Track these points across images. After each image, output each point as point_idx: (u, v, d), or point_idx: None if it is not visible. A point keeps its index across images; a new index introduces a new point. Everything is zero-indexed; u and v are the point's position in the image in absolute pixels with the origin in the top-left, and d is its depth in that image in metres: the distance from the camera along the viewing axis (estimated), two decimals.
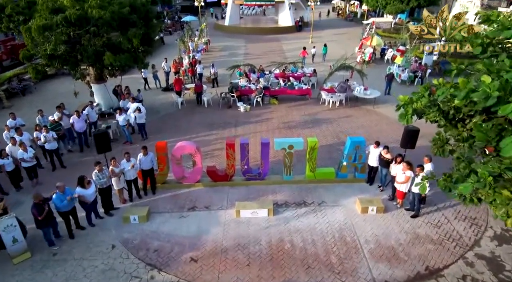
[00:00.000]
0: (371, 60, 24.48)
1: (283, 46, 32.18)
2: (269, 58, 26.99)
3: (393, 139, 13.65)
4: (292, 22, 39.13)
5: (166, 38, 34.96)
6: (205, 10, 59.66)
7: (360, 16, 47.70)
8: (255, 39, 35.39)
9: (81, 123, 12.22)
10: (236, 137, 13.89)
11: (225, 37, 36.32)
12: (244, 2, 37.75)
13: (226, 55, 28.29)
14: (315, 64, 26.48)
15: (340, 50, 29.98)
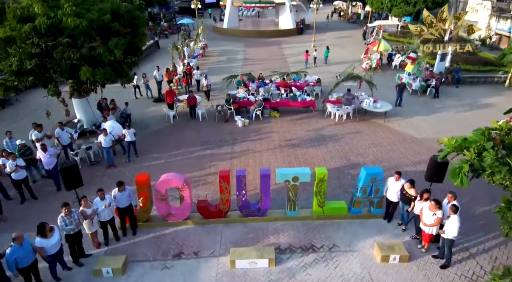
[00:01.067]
0: (378, 67, 22.95)
1: (284, 50, 30.68)
2: (269, 64, 25.55)
3: (409, 161, 12.15)
4: (293, 24, 37.63)
5: (162, 41, 33.42)
6: (203, 11, 58.30)
7: (363, 18, 46.16)
8: (255, 42, 33.89)
9: (49, 158, 10.25)
10: (233, 159, 12.40)
11: (223, 40, 34.82)
12: (244, 4, 36.25)
13: (224, 61, 26.78)
14: (317, 67, 25.09)
15: (343, 54, 28.62)
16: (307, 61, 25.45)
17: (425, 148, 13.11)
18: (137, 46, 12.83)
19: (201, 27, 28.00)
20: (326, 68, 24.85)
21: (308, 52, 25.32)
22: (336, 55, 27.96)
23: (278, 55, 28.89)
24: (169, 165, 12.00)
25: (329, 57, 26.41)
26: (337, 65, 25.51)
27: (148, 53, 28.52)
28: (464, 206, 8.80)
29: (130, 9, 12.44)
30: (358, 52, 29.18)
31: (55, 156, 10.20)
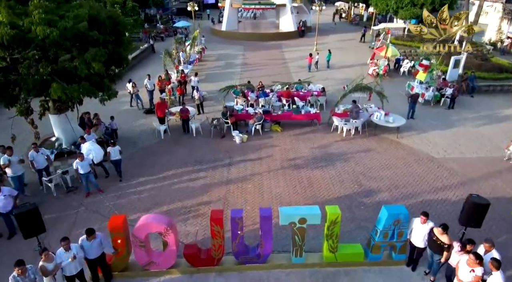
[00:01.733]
0: (386, 74, 21.52)
1: (285, 54, 29.25)
2: (270, 69, 24.14)
3: (429, 187, 10.71)
4: (294, 27, 36.20)
5: (158, 45, 31.93)
6: (202, 12, 56.91)
7: (367, 19, 44.75)
8: (255, 46, 32.46)
9: (3, 201, 8.41)
10: (229, 184, 10.96)
11: (221, 43, 33.38)
12: (243, 6, 34.84)
13: (221, 66, 25.33)
14: (319, 72, 23.72)
15: (347, 58, 27.15)
16: (310, 65, 24.16)
17: (446, 170, 11.67)
18: (122, 56, 11.38)
19: (198, 30, 26.55)
20: (329, 73, 23.42)
21: (311, 55, 24.01)
22: (339, 59, 26.57)
23: (279, 59, 27.47)
24: (156, 192, 10.57)
25: (332, 61, 25.10)
26: (340, 70, 24.16)
27: (143, 58, 27.08)
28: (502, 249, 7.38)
29: (112, 14, 10.97)
30: (362, 56, 27.80)
31: (11, 197, 8.60)
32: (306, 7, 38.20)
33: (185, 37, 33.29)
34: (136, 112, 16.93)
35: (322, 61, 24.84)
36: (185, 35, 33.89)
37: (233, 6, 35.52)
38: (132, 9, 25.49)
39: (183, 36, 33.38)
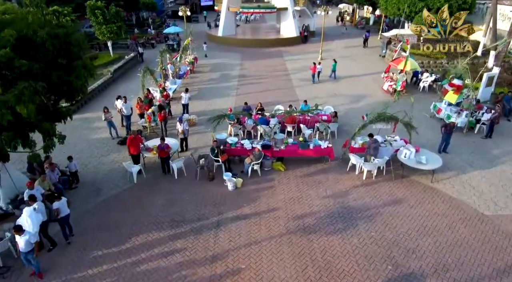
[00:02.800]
0: (404, 91, 18.65)
1: (287, 63, 26.37)
2: (270, 82, 21.31)
3: (489, 268, 7.81)
4: (296, 32, 33.34)
5: (148, 52, 29.06)
6: (198, 15, 54.11)
7: (373, 23, 41.93)
8: (254, 54, 29.59)
9: None
10: (215, 261, 8.02)
11: (217, 51, 30.50)
12: (241, 10, 31.99)
13: (215, 79, 22.43)
14: (322, 83, 20.92)
15: (355, 68, 24.21)
16: (314, 76, 21.69)
17: (505, 237, 8.79)
18: (73, 86, 8.48)
19: (189, 38, 23.68)
20: (336, 87, 20.56)
21: (315, 64, 21.54)
22: (347, 70, 23.76)
23: (280, 70, 24.61)
24: (114, 278, 7.69)
25: (338, 72, 22.46)
26: (349, 83, 21.35)
27: (128, 69, 24.15)
28: None
29: (59, 33, 8.05)
30: (371, 66, 25.00)
31: None
32: (309, 10, 35.34)
33: (177, 44, 30.40)
34: (109, 143, 14.03)
35: (325, 72, 22.11)
36: (177, 42, 30.96)
37: (230, 10, 32.66)
38: (115, 15, 22.56)
39: (175, 43, 30.47)
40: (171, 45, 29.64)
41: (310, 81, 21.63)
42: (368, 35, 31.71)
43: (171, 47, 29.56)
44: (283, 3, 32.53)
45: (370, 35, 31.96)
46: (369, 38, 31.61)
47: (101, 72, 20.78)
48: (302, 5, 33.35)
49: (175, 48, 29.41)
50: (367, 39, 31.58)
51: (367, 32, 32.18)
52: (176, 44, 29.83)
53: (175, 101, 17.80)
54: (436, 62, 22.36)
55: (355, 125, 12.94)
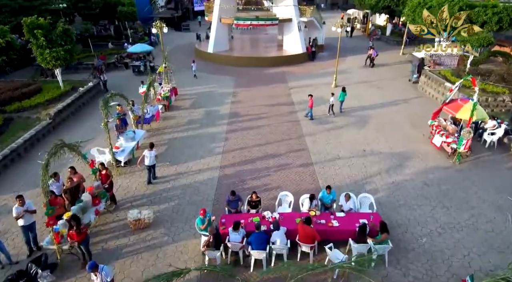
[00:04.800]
0: (469, 152, 12.84)
1: (293, 93, 20.59)
2: (271, 130, 15.57)
3: None
4: (302, 47, 27.58)
5: (118, 77, 23.27)
6: (191, 21, 48.40)
7: (390, 33, 36.13)
8: (251, 76, 23.85)
9: None
10: None
11: (206, 72, 24.75)
12: (235, 22, 26.30)
13: (197, 121, 16.52)
14: (338, 126, 15.12)
15: (384, 103, 17.57)
16: (311, 112, 16.66)
17: None
18: None
19: (163, 65, 17.94)
20: (362, 136, 14.73)
21: (312, 96, 16.56)
22: (373, 103, 18.49)
23: (283, 103, 18.84)
24: None
25: (359, 103, 17.36)
26: (379, 128, 15.54)
27: (78, 108, 18.06)
28: None
29: None
30: (404, 97, 19.25)
31: None
32: (318, 20, 29.54)
33: (144, 66, 24.12)
34: None
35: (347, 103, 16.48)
36: (144, 63, 24.55)
37: (223, 21, 26.90)
38: (63, 34, 16.81)
39: (141, 64, 24.19)
40: (136, 67, 23.75)
41: (322, 124, 15.97)
42: (375, 54, 25.80)
43: (136, 69, 23.75)
44: (287, 13, 26.78)
45: (377, 53, 25.99)
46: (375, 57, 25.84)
47: (37, 117, 15.02)
48: (309, 16, 27.58)
49: (141, 71, 23.63)
50: (373, 58, 25.85)
51: (373, 50, 26.01)
52: (143, 66, 23.83)
53: (132, 173, 12.12)
54: (496, 99, 16.55)
55: (414, 242, 7.32)
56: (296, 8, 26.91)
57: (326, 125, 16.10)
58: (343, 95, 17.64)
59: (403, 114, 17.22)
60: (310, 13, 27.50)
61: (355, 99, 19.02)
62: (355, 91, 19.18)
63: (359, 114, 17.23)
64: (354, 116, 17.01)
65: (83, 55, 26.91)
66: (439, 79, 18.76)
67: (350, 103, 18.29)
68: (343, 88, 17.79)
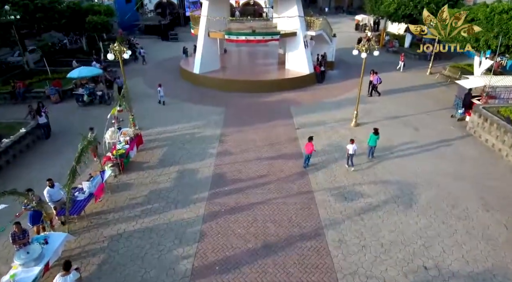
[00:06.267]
0: None
1: (300, 137, 15.30)
2: (271, 211, 10.09)
3: None
4: (309, 68, 22.41)
5: (64, 109, 18.09)
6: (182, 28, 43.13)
7: (410, 45, 30.94)
8: (245, 108, 18.68)
9: None
10: None
11: (188, 100, 19.61)
12: (227, 37, 21.16)
13: (159, 198, 11.22)
14: (364, 187, 9.98)
15: (427, 157, 11.86)
16: (308, 159, 12.36)
17: None
18: None
19: (117, 107, 12.74)
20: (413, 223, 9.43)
21: (312, 140, 12.19)
22: (408, 149, 12.96)
23: (287, 155, 13.60)
24: None
25: (391, 155, 12.18)
26: (435, 209, 10.00)
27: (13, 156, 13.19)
28: None
29: None
30: (450, 138, 13.94)
31: None
32: (327, 33, 24.31)
33: (106, 95, 18.81)
34: None
35: (362, 146, 11.44)
36: (90, 91, 18.84)
37: (211, 36, 21.71)
38: None
39: (85, 93, 18.48)
40: (80, 96, 18.57)
41: (346, 198, 10.72)
42: (378, 81, 19.87)
43: (80, 99, 18.56)
44: (291, 25, 21.59)
45: (380, 80, 19.93)
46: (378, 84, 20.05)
47: None
48: (318, 29, 22.37)
49: (86, 102, 18.52)
50: (375, 86, 20.17)
51: (375, 75, 19.93)
52: (87, 95, 18.56)
53: None
54: None
55: None
56: (302, 20, 21.70)
57: (353, 202, 10.89)
58: (374, 139, 13.05)
59: (463, 180, 11.97)
60: (319, 25, 22.28)
61: (386, 147, 13.99)
62: (382, 132, 14.00)
63: (398, 180, 12.01)
64: (392, 184, 11.78)
65: (41, 77, 21.77)
66: (502, 123, 13.57)
67: (381, 151, 13.24)
68: (376, 131, 13.05)
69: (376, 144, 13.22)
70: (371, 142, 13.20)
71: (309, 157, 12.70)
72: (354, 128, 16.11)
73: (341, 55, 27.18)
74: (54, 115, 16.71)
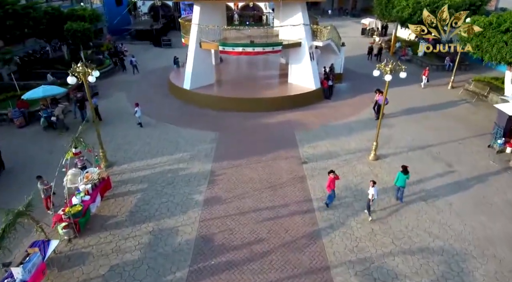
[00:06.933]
0: None
1: (308, 174, 12.46)
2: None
3: None
4: (316, 83, 19.58)
5: (22, 136, 15.29)
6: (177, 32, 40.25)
7: (424, 53, 28.06)
8: (241, 133, 15.84)
9: None
10: None
11: (174, 124, 16.76)
12: (221, 48, 18.34)
13: (118, 274, 8.49)
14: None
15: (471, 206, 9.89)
16: (332, 199, 10.16)
17: None
18: None
19: (72, 149, 9.95)
20: None
21: (334, 174, 9.75)
22: (442, 192, 9.97)
23: (294, 203, 10.71)
24: None
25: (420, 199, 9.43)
26: None
27: None
28: None
29: None
30: (492, 177, 11.16)
31: None
32: (336, 43, 21.45)
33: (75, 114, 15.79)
34: None
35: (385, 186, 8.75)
36: (48, 115, 15.96)
37: (203, 47, 18.87)
38: None
39: (42, 117, 15.94)
40: (47, 118, 15.83)
41: None
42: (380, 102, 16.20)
43: (45, 121, 15.83)
44: (295, 35, 18.75)
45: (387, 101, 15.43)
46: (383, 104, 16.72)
47: None
48: (325, 38, 19.52)
49: (45, 126, 15.86)
50: (379, 106, 16.51)
51: (381, 94, 16.11)
52: (43, 119, 15.82)
53: None
54: None
55: None
56: (308, 29, 18.86)
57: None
58: (403, 179, 10.59)
59: None
60: (327, 34, 19.42)
61: (416, 189, 11.24)
62: (409, 167, 11.13)
63: (440, 246, 9.16)
64: (434, 254, 8.92)
65: (8, 94, 18.97)
66: None
67: (410, 194, 10.46)
68: (405, 169, 10.60)
69: (405, 184, 10.65)
70: (399, 182, 10.75)
71: (331, 198, 10.40)
72: (374, 162, 13.28)
73: (348, 63, 24.25)
74: (15, 142, 13.91)
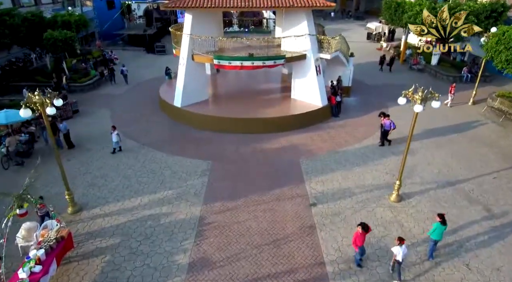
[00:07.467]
0: None
1: (318, 222, 10.30)
2: None
3: None
4: (322, 100, 17.40)
5: None
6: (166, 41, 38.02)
7: (438, 62, 25.86)
8: (238, 161, 13.66)
9: None
10: None
11: (160, 151, 14.55)
12: (216, 63, 16.12)
13: None
14: None
15: None
16: (362, 254, 8.50)
17: None
18: None
19: (16, 210, 7.77)
20: None
21: (363, 228, 7.76)
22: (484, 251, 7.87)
23: (302, 255, 8.45)
24: None
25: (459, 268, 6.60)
26: None
27: None
28: None
29: None
30: None
31: None
32: (344, 54, 19.22)
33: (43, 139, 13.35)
34: None
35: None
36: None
37: (196, 60, 16.67)
38: None
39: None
40: None
41: None
42: (390, 127, 14.40)
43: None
44: (299, 46, 16.56)
45: (395, 126, 14.41)
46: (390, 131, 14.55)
47: None
48: (333, 50, 17.27)
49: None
50: (386, 133, 14.65)
51: (387, 119, 14.54)
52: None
53: None
54: None
55: None
56: (314, 39, 16.66)
57: None
58: (442, 231, 8.57)
59: None
60: (335, 45, 17.18)
61: (450, 240, 8.93)
62: (437, 210, 8.80)
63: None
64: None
65: None
66: None
67: (444, 247, 8.15)
68: (442, 219, 8.52)
69: (441, 237, 8.53)
70: (435, 234, 8.56)
71: (362, 251, 8.43)
72: (396, 205, 11.07)
73: (356, 73, 21.49)
74: None
